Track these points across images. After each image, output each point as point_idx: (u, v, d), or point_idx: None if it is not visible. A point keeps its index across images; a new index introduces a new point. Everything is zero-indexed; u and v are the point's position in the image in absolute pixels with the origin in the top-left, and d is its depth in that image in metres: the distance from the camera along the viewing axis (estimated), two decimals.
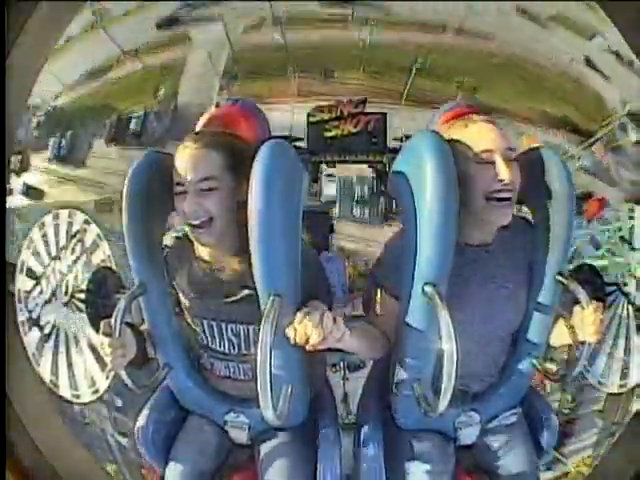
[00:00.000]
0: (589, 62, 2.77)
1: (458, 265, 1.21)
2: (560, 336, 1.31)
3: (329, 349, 1.09)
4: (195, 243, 1.30)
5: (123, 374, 1.24)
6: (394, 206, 3.76)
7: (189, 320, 1.35)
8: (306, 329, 1.03)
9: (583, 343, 1.24)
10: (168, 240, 1.35)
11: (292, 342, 1.06)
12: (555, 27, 2.73)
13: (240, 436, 1.40)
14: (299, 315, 1.05)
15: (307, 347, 1.05)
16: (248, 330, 1.30)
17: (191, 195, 1.19)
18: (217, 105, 1.48)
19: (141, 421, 1.41)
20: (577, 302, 1.22)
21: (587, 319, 1.17)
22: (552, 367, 1.32)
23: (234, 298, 1.29)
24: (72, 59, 2.55)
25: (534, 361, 1.34)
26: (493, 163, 1.19)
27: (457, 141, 1.22)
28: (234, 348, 1.33)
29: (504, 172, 1.18)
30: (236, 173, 1.21)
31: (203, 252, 1.32)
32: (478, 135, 1.21)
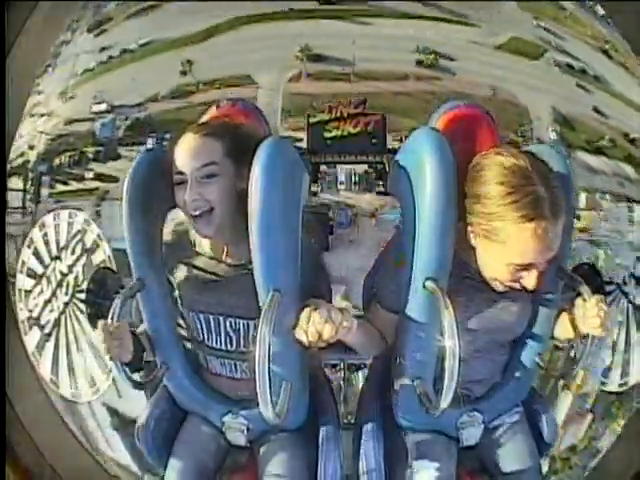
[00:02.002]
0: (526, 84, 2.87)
1: (462, 281, 1.21)
2: (563, 331, 1.31)
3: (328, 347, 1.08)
4: (196, 235, 1.30)
5: (119, 367, 1.23)
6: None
7: (185, 315, 1.35)
8: (317, 326, 1.02)
9: (586, 337, 1.23)
10: (167, 233, 1.34)
11: (307, 344, 1.05)
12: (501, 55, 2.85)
13: (238, 438, 1.40)
14: (304, 314, 1.04)
15: (320, 344, 1.04)
16: (248, 325, 1.29)
17: (191, 184, 1.19)
18: (218, 106, 1.47)
19: (141, 419, 1.41)
20: (578, 295, 1.21)
21: (590, 311, 1.16)
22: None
23: (235, 289, 1.28)
24: (152, 77, 2.96)
25: (536, 359, 1.33)
26: (526, 270, 1.12)
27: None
28: (232, 344, 1.32)
29: (532, 285, 1.13)
30: (236, 160, 1.21)
31: (203, 243, 1.32)
32: (524, 244, 1.08)
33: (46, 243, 2.57)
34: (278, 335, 1.08)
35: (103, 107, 2.94)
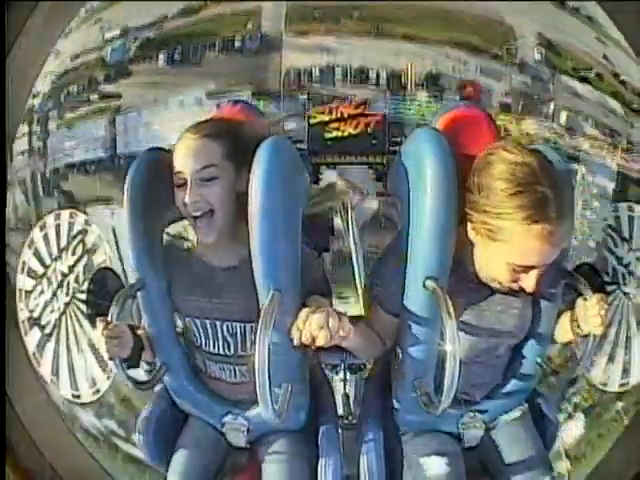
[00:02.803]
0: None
1: (460, 281, 1.20)
2: (564, 332, 1.30)
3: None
4: (191, 239, 1.30)
5: (118, 366, 1.23)
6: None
7: (181, 320, 1.34)
8: (312, 330, 0.99)
9: (587, 336, 1.22)
10: (165, 236, 1.34)
11: (297, 343, 1.03)
12: None
13: (238, 439, 1.40)
14: (302, 314, 1.02)
15: (312, 347, 1.02)
16: (245, 328, 1.29)
17: (192, 186, 1.19)
18: (218, 106, 1.48)
19: (144, 414, 1.41)
20: (579, 295, 1.21)
21: (591, 310, 1.15)
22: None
23: (231, 293, 1.28)
24: (159, 3, 3.08)
25: (538, 360, 1.33)
26: (525, 272, 1.10)
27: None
28: (229, 349, 1.32)
29: (532, 286, 1.11)
30: (236, 162, 1.21)
31: (200, 246, 1.31)
32: (528, 246, 1.05)
33: (47, 243, 2.58)
34: (278, 335, 1.08)
35: (117, 32, 2.96)
